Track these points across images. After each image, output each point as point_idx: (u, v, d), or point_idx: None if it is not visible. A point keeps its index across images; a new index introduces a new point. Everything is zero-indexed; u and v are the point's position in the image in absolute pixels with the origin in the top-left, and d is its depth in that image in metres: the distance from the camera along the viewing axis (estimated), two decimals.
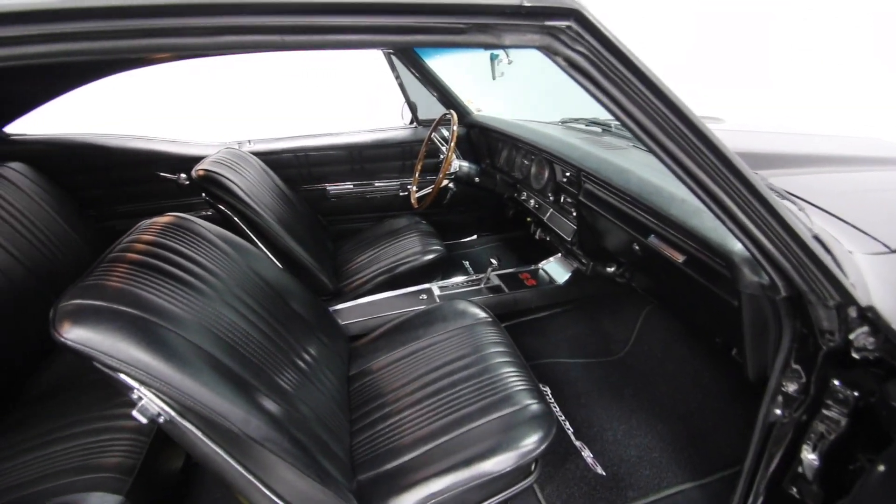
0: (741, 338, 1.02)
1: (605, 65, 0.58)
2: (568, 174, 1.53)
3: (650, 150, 0.66)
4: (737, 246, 0.91)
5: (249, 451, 0.77)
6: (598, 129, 1.82)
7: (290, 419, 0.85)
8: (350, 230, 2.37)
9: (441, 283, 1.92)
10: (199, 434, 0.73)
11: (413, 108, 2.32)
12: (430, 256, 1.91)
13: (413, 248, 1.96)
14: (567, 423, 1.46)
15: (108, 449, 1.06)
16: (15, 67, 0.41)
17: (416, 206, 2.00)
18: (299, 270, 1.68)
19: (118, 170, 2.01)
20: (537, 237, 2.03)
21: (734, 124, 1.84)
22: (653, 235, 1.15)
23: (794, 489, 0.87)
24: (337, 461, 0.94)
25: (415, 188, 2.07)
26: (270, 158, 2.08)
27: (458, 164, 1.95)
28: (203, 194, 1.61)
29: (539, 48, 0.56)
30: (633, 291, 1.84)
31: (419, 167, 2.11)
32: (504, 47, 0.56)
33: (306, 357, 1.13)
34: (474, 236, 2.58)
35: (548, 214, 1.74)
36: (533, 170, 1.83)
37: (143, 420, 0.69)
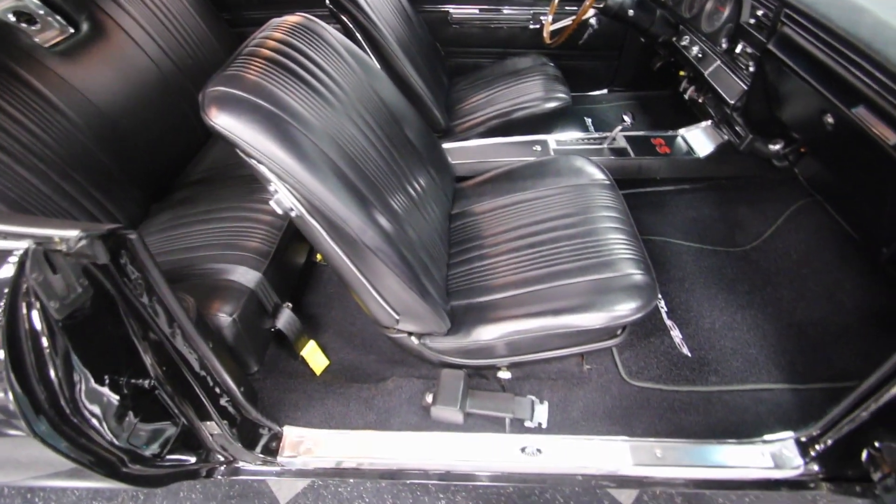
0: None
1: None
2: (760, 13, 1.16)
3: None
4: None
5: (364, 257, 0.84)
6: None
7: (399, 238, 0.90)
8: (468, 65, 2.19)
9: (558, 135, 1.76)
10: (324, 233, 0.80)
11: None
12: (553, 104, 1.73)
13: (535, 92, 1.77)
14: (662, 301, 1.40)
15: (250, 234, 1.25)
16: None
17: (547, 40, 1.73)
18: (413, 100, 1.62)
19: None
20: (687, 97, 1.70)
21: None
22: (862, 106, 0.88)
23: None
24: (435, 284, 1.02)
25: (550, 19, 1.77)
26: None
27: None
28: (327, 1, 1.52)
29: None
30: (790, 180, 1.53)
31: None
32: None
33: (416, 186, 1.15)
34: (604, 90, 2.25)
35: (712, 67, 1.40)
36: (709, 5, 1.43)
37: (279, 210, 0.77)
